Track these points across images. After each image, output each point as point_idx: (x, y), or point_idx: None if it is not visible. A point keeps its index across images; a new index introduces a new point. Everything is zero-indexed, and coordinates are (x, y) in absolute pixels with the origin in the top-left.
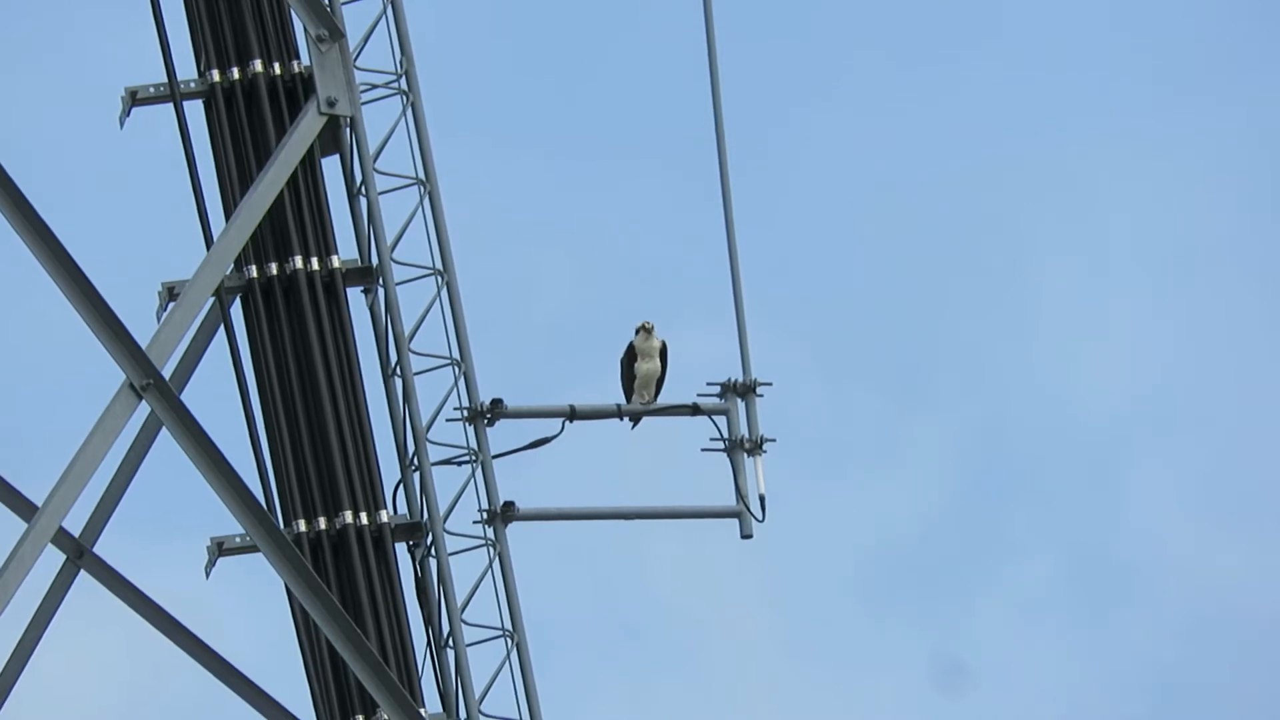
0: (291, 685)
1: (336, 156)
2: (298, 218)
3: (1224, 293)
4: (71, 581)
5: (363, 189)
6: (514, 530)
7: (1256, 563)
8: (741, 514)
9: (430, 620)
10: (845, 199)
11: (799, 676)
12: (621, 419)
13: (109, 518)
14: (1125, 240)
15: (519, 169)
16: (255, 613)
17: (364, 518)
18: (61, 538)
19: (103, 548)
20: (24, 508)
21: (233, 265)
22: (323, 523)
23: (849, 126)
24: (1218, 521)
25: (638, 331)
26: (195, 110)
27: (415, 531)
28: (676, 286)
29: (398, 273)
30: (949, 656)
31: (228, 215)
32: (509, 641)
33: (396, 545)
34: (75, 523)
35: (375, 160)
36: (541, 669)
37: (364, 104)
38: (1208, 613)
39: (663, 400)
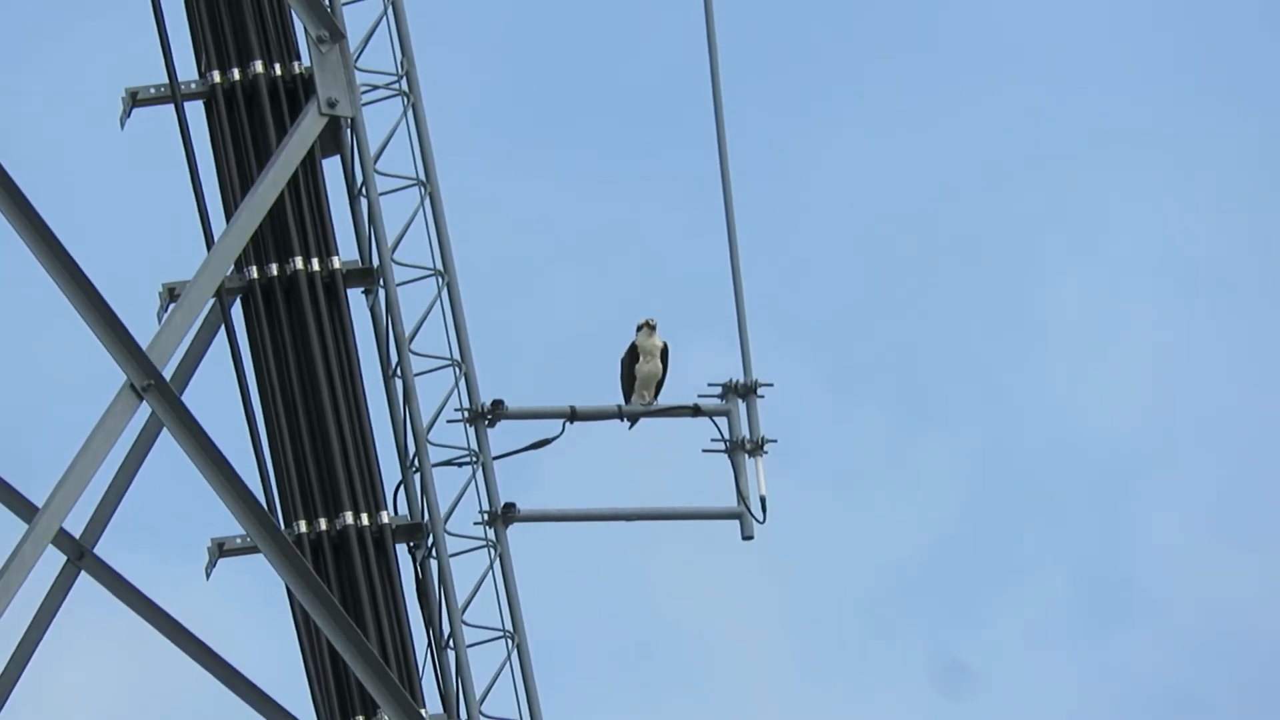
0: (292, 686)
1: (337, 157)
2: (298, 218)
3: (1234, 311)
4: (72, 583)
5: (363, 190)
6: (515, 531)
7: (1267, 582)
8: (742, 515)
9: (431, 621)
10: (855, 218)
11: (803, 689)
12: (623, 420)
13: (110, 519)
14: (1135, 258)
15: (521, 170)
16: (256, 614)
17: (365, 518)
18: (62, 539)
19: (103, 549)
20: (24, 509)
21: (233, 266)
22: (323, 523)
23: (859, 144)
24: (1227, 540)
25: (639, 329)
26: (196, 111)
27: (416, 532)
28: (681, 294)
29: (398, 273)
30: (948, 656)
31: (228, 216)
32: (509, 642)
33: (397, 546)
34: (76, 524)
35: (376, 161)
36: (542, 670)
37: (365, 105)
38: (1217, 632)
39: (662, 401)
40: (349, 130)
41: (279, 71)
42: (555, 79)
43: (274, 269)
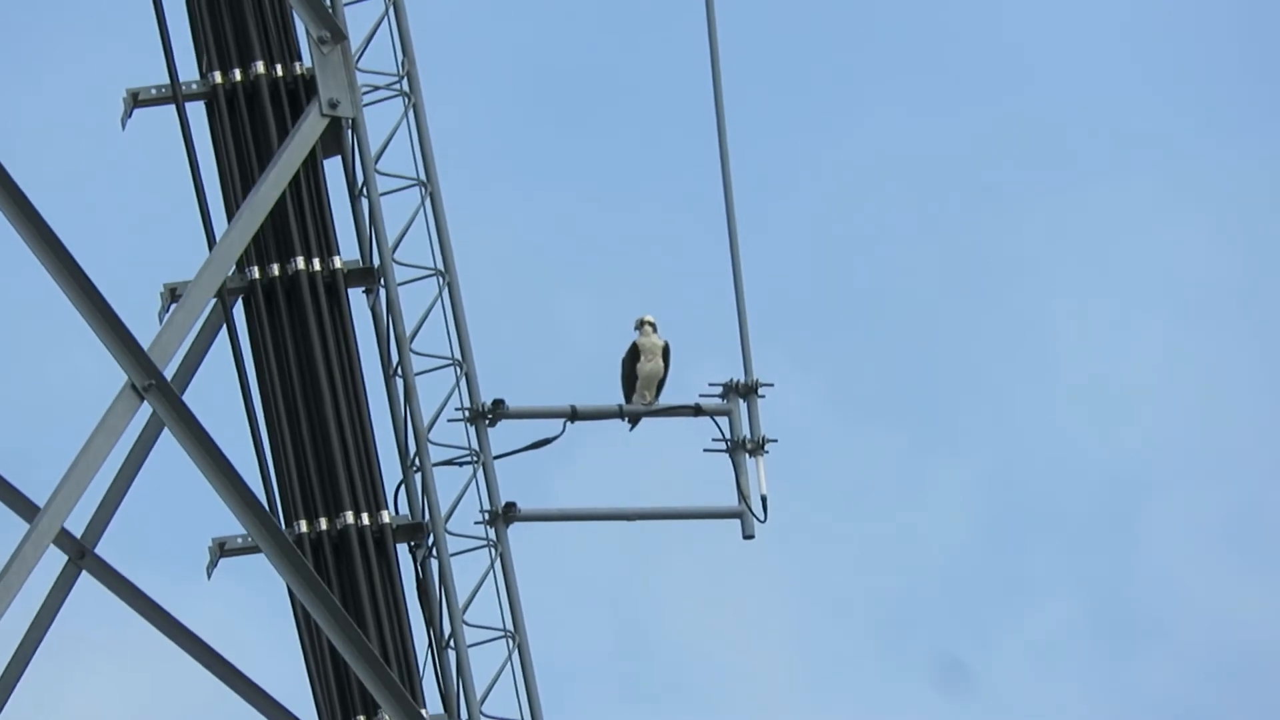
0: (293, 686)
1: (338, 158)
2: (299, 219)
3: (1245, 334)
4: (73, 582)
5: (364, 190)
6: (515, 531)
7: (1274, 603)
8: (743, 514)
9: (431, 621)
10: (860, 237)
11: (802, 688)
12: (624, 420)
13: (111, 518)
14: (1143, 280)
15: (523, 173)
16: (256, 613)
17: (365, 518)
18: (63, 539)
19: (104, 549)
20: (26, 508)
21: (235, 266)
22: (324, 523)
23: (865, 165)
24: (1235, 562)
25: (638, 327)
26: (197, 111)
27: (416, 532)
28: (685, 307)
29: (399, 273)
30: (955, 671)
31: (230, 216)
32: (510, 642)
33: (398, 546)
34: (77, 524)
35: (377, 161)
36: (542, 670)
37: (366, 105)
38: (1227, 656)
39: (663, 401)
40: (350, 131)
41: (280, 72)
42: (556, 81)
43: (275, 269)
